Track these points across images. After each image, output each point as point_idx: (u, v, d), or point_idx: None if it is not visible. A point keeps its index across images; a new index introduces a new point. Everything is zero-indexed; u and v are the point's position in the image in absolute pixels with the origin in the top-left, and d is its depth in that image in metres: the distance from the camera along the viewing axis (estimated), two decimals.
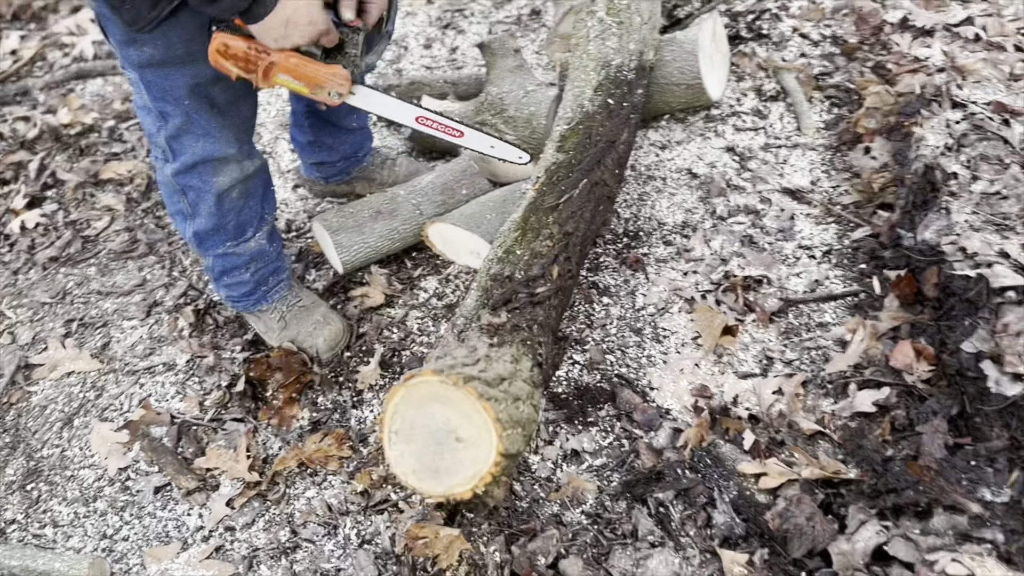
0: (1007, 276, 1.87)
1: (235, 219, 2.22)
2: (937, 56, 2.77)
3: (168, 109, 1.93)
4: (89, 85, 3.62)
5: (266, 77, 1.89)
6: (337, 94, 1.95)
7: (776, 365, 2.29)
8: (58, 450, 2.35)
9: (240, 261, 2.32)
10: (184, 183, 2.11)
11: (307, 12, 1.72)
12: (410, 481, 1.52)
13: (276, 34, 1.75)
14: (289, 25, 1.73)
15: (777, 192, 2.74)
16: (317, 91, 1.94)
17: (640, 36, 2.71)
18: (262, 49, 1.83)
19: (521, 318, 1.87)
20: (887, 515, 1.83)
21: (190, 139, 1.99)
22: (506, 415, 1.48)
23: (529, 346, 1.79)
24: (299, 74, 1.89)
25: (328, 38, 1.82)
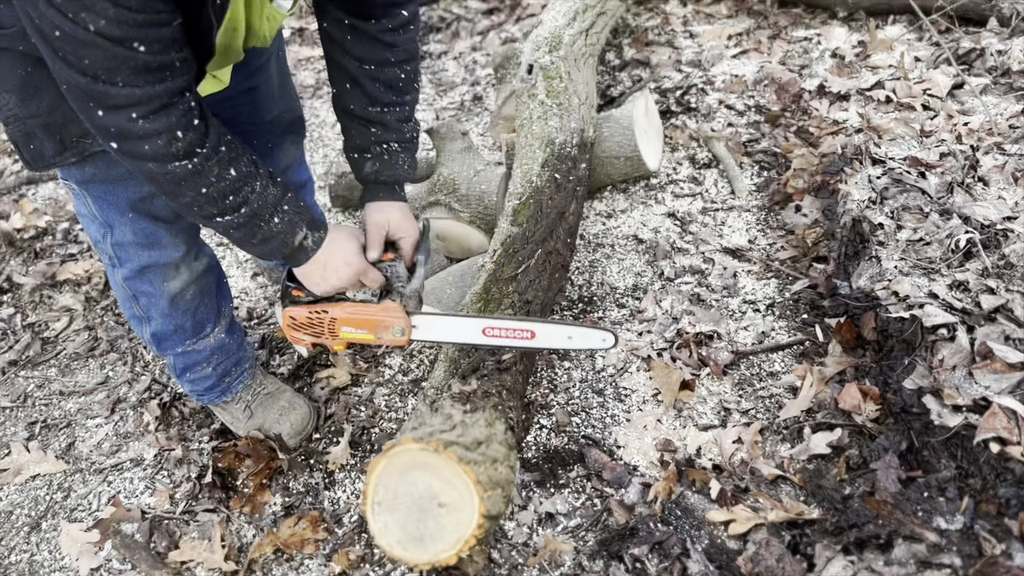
0: (937, 315, 2.02)
1: (191, 319, 2.24)
2: (854, 118, 3.00)
3: (113, 220, 1.95)
4: (41, 189, 3.65)
5: (334, 335, 1.97)
6: (400, 331, 1.96)
7: (734, 415, 2.39)
8: (27, 555, 2.30)
9: (201, 357, 2.34)
10: (135, 288, 2.12)
11: (343, 254, 1.81)
12: (395, 552, 1.56)
13: (316, 277, 1.84)
14: (327, 268, 1.82)
15: (718, 252, 2.89)
16: (382, 334, 1.97)
17: (580, 115, 2.89)
18: (321, 309, 1.92)
19: (490, 384, 1.95)
20: (851, 550, 1.91)
21: (135, 248, 2.01)
22: (486, 477, 1.54)
23: (501, 411, 1.86)
24: (358, 321, 1.95)
25: (368, 278, 1.89)
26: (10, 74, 1.68)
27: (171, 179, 1.52)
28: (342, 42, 1.84)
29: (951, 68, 3.16)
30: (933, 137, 2.75)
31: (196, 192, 1.56)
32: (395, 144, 1.95)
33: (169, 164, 1.49)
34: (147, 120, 1.44)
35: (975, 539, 1.88)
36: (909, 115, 2.95)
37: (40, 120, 1.73)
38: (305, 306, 1.93)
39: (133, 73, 1.38)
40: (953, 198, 2.35)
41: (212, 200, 1.58)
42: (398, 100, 1.91)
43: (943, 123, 2.86)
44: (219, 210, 1.61)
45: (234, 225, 1.65)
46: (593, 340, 2.06)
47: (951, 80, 3.08)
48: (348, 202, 3.31)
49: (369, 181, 1.99)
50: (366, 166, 1.96)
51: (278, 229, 1.70)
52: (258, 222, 1.66)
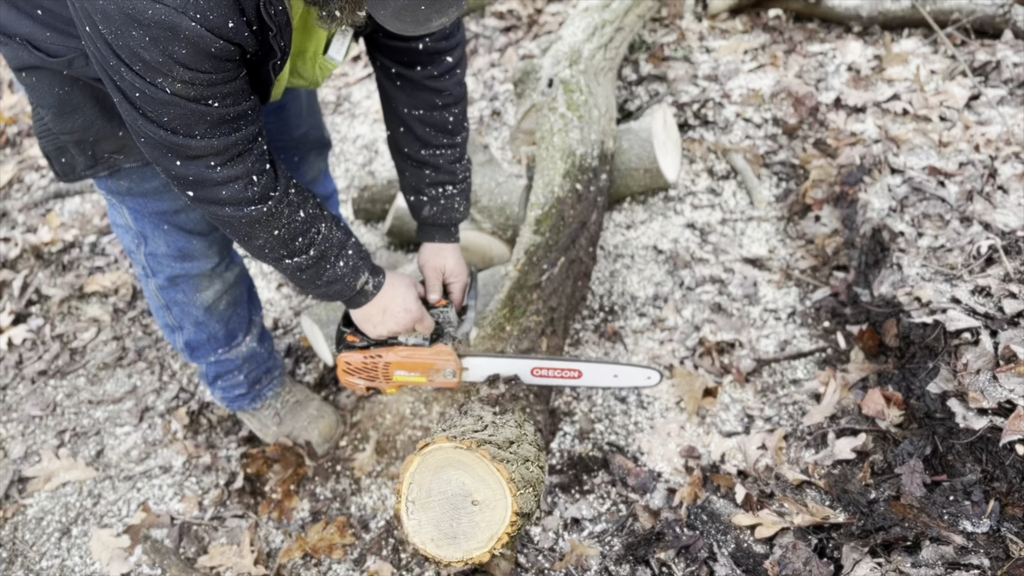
0: (961, 319, 2.04)
1: (224, 328, 2.28)
2: (872, 130, 3.03)
3: (147, 231, 2.01)
4: (68, 203, 3.71)
5: (387, 379, 2.04)
6: (451, 372, 2.04)
7: (757, 422, 2.41)
8: (58, 560, 2.33)
9: (233, 365, 2.38)
10: (169, 298, 2.17)
11: (403, 301, 1.90)
12: (429, 550, 1.58)
13: (375, 320, 1.91)
14: (387, 313, 1.90)
15: (738, 262, 2.92)
16: (434, 377, 2.05)
17: (600, 127, 2.93)
18: (375, 354, 2.00)
19: (517, 388, 1.97)
20: (879, 552, 1.92)
21: (168, 259, 2.06)
22: (518, 475, 1.56)
23: (529, 413, 1.88)
24: (412, 365, 2.02)
25: (423, 325, 1.97)
26: (48, 92, 1.73)
27: (247, 222, 1.58)
28: (391, 88, 1.91)
29: (967, 80, 3.19)
30: (951, 147, 2.78)
31: (268, 235, 1.62)
32: (450, 187, 2.03)
33: (245, 208, 1.56)
34: (224, 167, 1.51)
35: (1002, 541, 1.89)
36: (926, 126, 2.98)
37: (74, 136, 1.79)
38: (360, 351, 2.00)
39: (210, 126, 1.45)
40: (973, 206, 2.37)
41: (283, 242, 1.65)
42: (449, 142, 1.98)
43: (960, 134, 2.88)
44: (289, 251, 1.67)
45: (302, 267, 1.71)
46: (638, 378, 2.12)
47: (967, 92, 3.11)
48: (370, 214, 3.35)
49: (427, 224, 2.08)
50: (424, 209, 2.04)
51: (342, 272, 1.77)
52: (324, 264, 1.73)
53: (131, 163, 1.83)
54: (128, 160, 1.82)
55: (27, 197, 3.72)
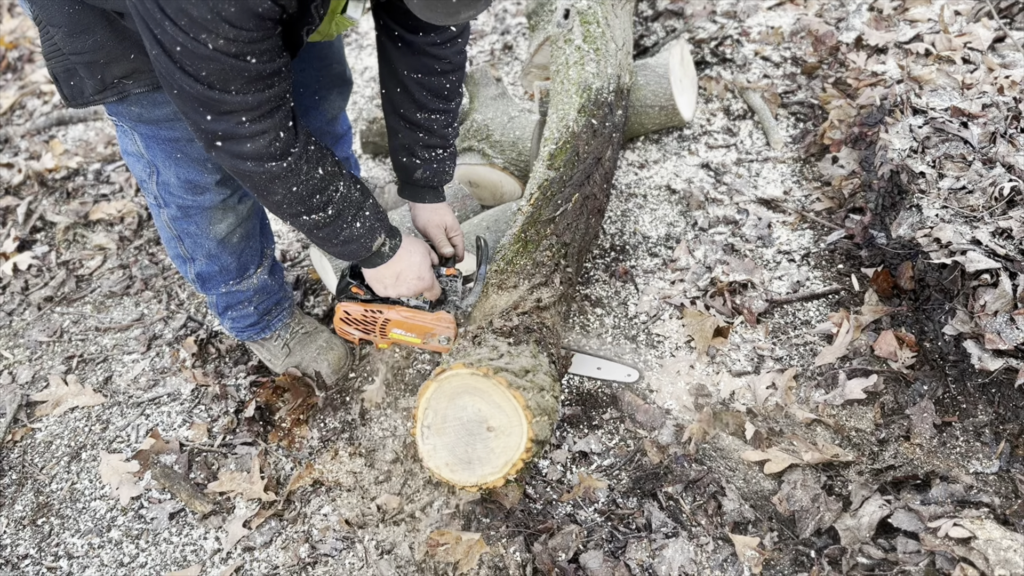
0: (980, 261, 2.01)
1: (236, 260, 2.26)
2: (893, 70, 2.96)
3: (159, 160, 1.98)
4: (71, 131, 3.65)
5: (383, 334, 2.09)
6: (445, 339, 2.09)
7: (767, 362, 2.40)
8: (67, 484, 2.35)
9: (244, 296, 2.37)
10: (181, 229, 2.14)
11: (417, 269, 1.94)
12: (443, 474, 1.59)
13: (387, 283, 1.96)
14: (400, 277, 1.94)
15: (753, 203, 2.88)
16: (428, 340, 2.10)
17: (616, 61, 2.86)
18: (376, 309, 2.04)
19: (531, 320, 1.96)
20: (888, 490, 1.93)
21: (181, 190, 2.03)
22: (534, 403, 1.56)
23: (543, 345, 1.87)
24: (411, 326, 2.08)
25: (431, 292, 2.02)
26: (58, 10, 1.69)
27: (267, 178, 1.60)
28: (391, 49, 1.91)
29: (992, 22, 3.11)
30: (974, 89, 2.72)
31: (287, 190, 1.64)
32: (441, 151, 2.09)
33: (267, 163, 1.58)
34: (254, 123, 1.52)
35: (1012, 482, 1.90)
36: (949, 68, 2.91)
37: (84, 58, 1.74)
38: (362, 304, 2.04)
39: (246, 82, 1.47)
40: (996, 147, 2.33)
41: (301, 199, 1.67)
42: (444, 108, 2.01)
43: (984, 76, 2.82)
44: (307, 208, 1.69)
45: (319, 224, 1.73)
46: (619, 374, 2.27)
47: (992, 34, 3.03)
48: (379, 148, 3.30)
49: (419, 185, 2.12)
50: (417, 172, 2.08)
51: (359, 232, 1.79)
52: (341, 223, 1.75)
53: (140, 88, 1.79)
54: (138, 85, 1.78)
55: (29, 123, 3.66)
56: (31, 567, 2.17)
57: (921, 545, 1.75)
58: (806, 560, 1.87)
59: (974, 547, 1.68)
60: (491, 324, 1.96)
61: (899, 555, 1.77)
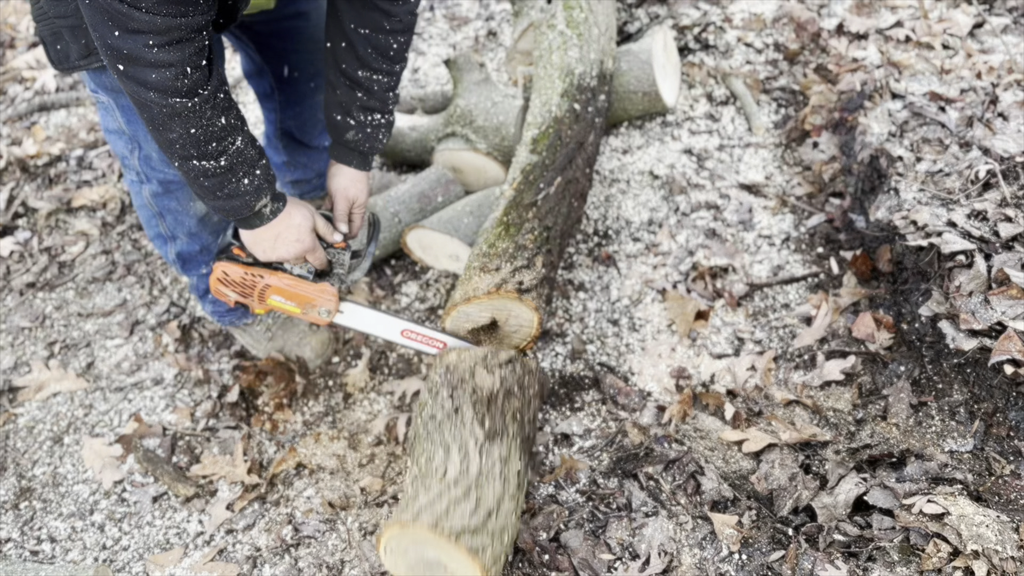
0: (956, 242, 2.04)
1: (216, 240, 2.25)
2: (873, 56, 2.99)
3: (141, 134, 1.97)
4: (53, 117, 3.63)
5: (262, 300, 2.01)
6: (326, 311, 2.03)
7: (747, 344, 2.42)
8: (50, 468, 2.35)
9: None
10: (162, 206, 2.13)
11: (296, 231, 1.86)
12: None
13: (265, 246, 1.88)
14: (279, 240, 1.86)
15: (734, 188, 2.90)
16: (308, 310, 2.03)
17: (599, 46, 2.87)
18: (258, 273, 1.96)
19: (513, 378, 1.94)
20: (864, 468, 1.96)
21: (164, 164, 2.02)
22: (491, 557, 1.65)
23: (521, 423, 1.88)
24: (291, 294, 2.00)
25: (314, 256, 1.94)
26: None
27: (167, 113, 1.54)
28: (342, 2, 1.85)
29: (971, 8, 3.13)
30: (953, 74, 2.75)
31: (184, 131, 1.58)
32: (379, 116, 2.00)
33: (170, 98, 1.52)
34: (161, 50, 1.46)
35: (985, 460, 1.93)
36: (929, 53, 2.94)
37: (68, 21, 1.74)
38: (242, 266, 1.97)
39: (158, 2, 1.40)
40: (973, 131, 2.35)
41: (196, 142, 1.61)
42: (388, 69, 1.94)
43: (963, 61, 2.85)
44: (199, 153, 1.63)
45: (208, 173, 1.67)
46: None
47: (971, 20, 3.06)
48: None
49: (348, 147, 2.03)
50: (349, 132, 2.00)
51: (245, 189, 1.73)
52: (231, 177, 1.69)
53: None
54: None
55: (11, 109, 3.64)
56: (14, 550, 2.17)
57: (896, 522, 1.78)
58: (783, 538, 1.90)
59: (947, 523, 1.71)
60: (473, 376, 1.89)
61: (874, 532, 1.80)
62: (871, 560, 1.76)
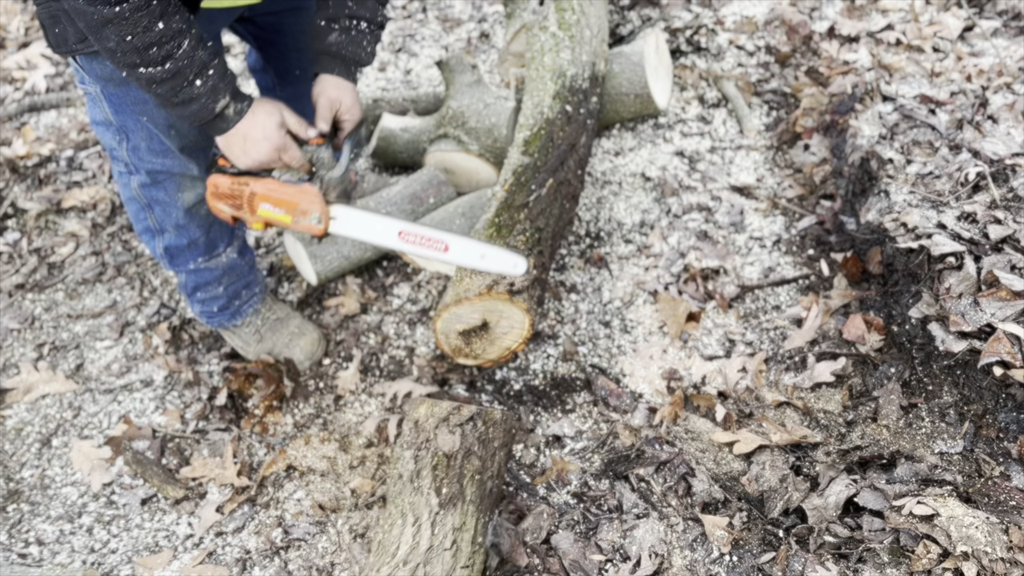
0: (946, 244, 2.05)
1: (205, 235, 2.25)
2: (864, 59, 3.00)
3: (129, 124, 1.97)
4: (43, 117, 3.61)
5: (252, 210, 1.97)
6: (316, 218, 1.96)
7: (739, 346, 2.43)
8: (38, 470, 2.33)
9: (212, 276, 2.36)
10: (150, 197, 2.13)
11: (262, 129, 1.82)
12: None
13: (237, 150, 1.85)
14: (248, 140, 1.83)
15: (726, 190, 2.91)
16: (299, 218, 1.96)
17: (591, 48, 2.87)
18: (243, 182, 1.93)
19: (473, 436, 1.94)
20: (854, 470, 1.96)
21: (151, 155, 2.02)
22: None
23: (479, 483, 1.89)
24: (277, 200, 1.95)
25: (288, 155, 1.88)
26: None
27: (97, 20, 1.54)
28: None
29: (962, 11, 3.15)
30: (943, 77, 2.76)
31: (120, 39, 1.58)
32: (364, 24, 1.96)
33: (97, 5, 1.51)
34: None
35: (975, 461, 1.93)
36: (919, 56, 2.95)
37: None
38: (229, 176, 1.94)
39: None
40: (963, 134, 2.36)
41: (135, 49, 1.60)
42: None
43: (953, 64, 2.86)
44: (141, 60, 1.62)
45: (156, 79, 1.65)
46: (504, 264, 2.00)
47: (962, 23, 3.08)
48: None
49: (329, 53, 1.97)
50: (331, 36, 1.95)
51: (199, 91, 1.70)
52: (181, 81, 1.67)
53: None
54: None
55: (1, 110, 3.62)
56: (1, 553, 2.15)
57: (886, 523, 1.78)
58: (774, 539, 1.90)
59: (937, 524, 1.71)
60: (435, 437, 1.91)
61: (865, 533, 1.80)
62: (861, 561, 1.76)
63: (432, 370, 2.46)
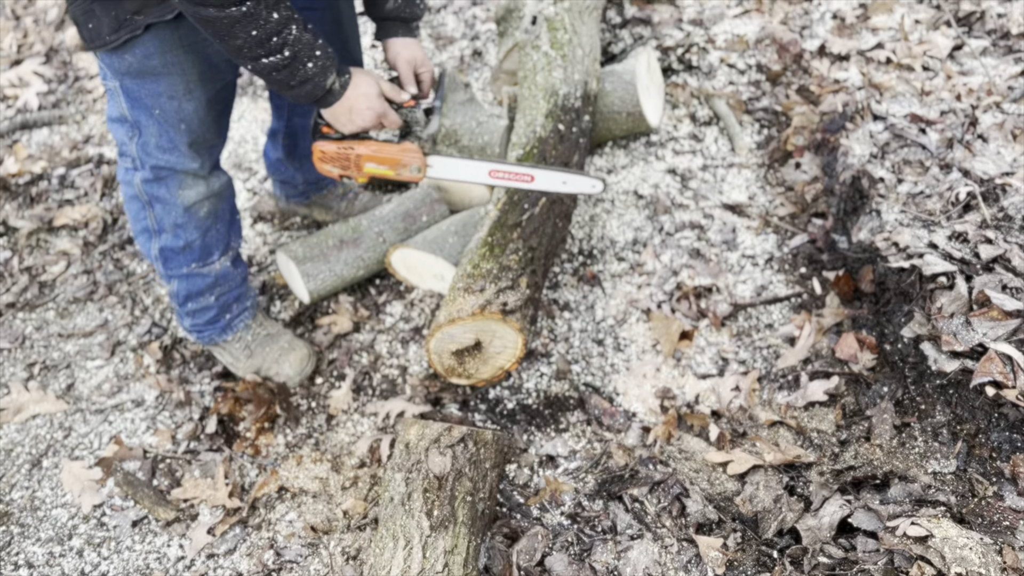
0: (937, 264, 2.06)
1: (201, 238, 2.29)
2: (855, 77, 3.01)
3: (141, 119, 2.07)
4: (35, 135, 3.60)
5: (359, 169, 2.18)
6: (416, 168, 2.18)
7: (732, 364, 2.43)
8: (28, 492, 2.31)
9: (204, 284, 2.37)
10: (152, 194, 2.20)
11: (366, 100, 2.01)
12: None
13: (344, 119, 2.04)
14: (353, 111, 2.02)
15: (718, 208, 2.91)
16: (401, 171, 2.19)
17: (583, 67, 2.88)
18: (347, 146, 2.14)
19: (464, 457, 1.95)
20: (848, 490, 1.96)
21: (158, 151, 2.12)
22: None
23: (471, 505, 1.89)
24: (381, 158, 2.16)
25: (388, 120, 2.07)
26: None
27: (228, 22, 1.70)
28: None
29: (951, 30, 3.17)
30: (933, 96, 2.77)
31: (247, 34, 1.73)
32: None
33: (226, 8, 1.67)
34: None
35: (968, 481, 1.94)
36: (909, 75, 2.97)
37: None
38: (334, 142, 2.14)
39: None
40: (953, 153, 2.37)
41: (260, 42, 1.75)
42: None
43: (943, 83, 2.88)
44: (266, 51, 1.78)
45: (278, 66, 1.82)
46: (584, 185, 2.28)
47: (951, 42, 3.10)
48: None
49: (390, 18, 2.18)
50: (388, 3, 2.15)
51: (313, 72, 1.87)
52: (297, 65, 1.84)
53: (152, 19, 1.87)
54: (148, 17, 1.87)
55: None
56: None
57: (880, 544, 1.78)
58: (768, 560, 1.89)
59: (931, 545, 1.71)
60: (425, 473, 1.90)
61: (859, 554, 1.80)
62: None
63: (425, 389, 2.45)
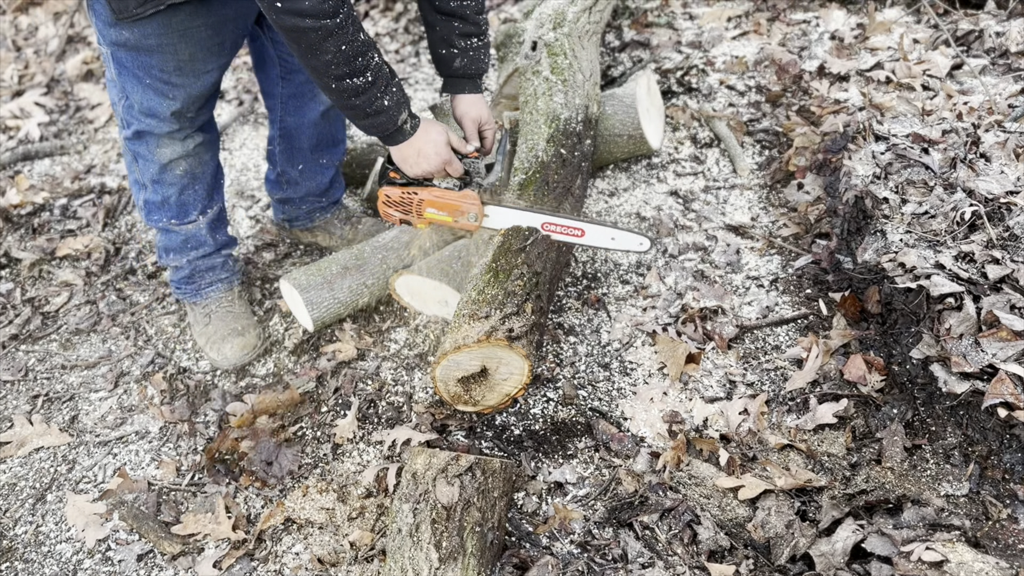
0: (945, 285, 2.05)
1: (177, 196, 2.46)
2: (855, 97, 3.02)
3: (128, 86, 2.23)
4: (37, 166, 3.61)
5: (419, 214, 2.30)
6: (473, 216, 2.32)
7: (739, 387, 2.41)
8: (32, 527, 2.29)
9: (178, 241, 2.55)
10: (135, 150, 2.40)
11: (435, 146, 2.12)
12: None
13: (411, 161, 2.13)
14: (420, 155, 2.11)
15: (721, 229, 2.91)
16: (459, 218, 2.30)
17: (584, 91, 2.89)
18: (412, 191, 2.24)
19: (472, 486, 1.95)
20: (861, 514, 1.94)
21: (139, 114, 2.29)
22: None
23: (480, 534, 1.90)
24: (442, 204, 2.29)
25: (452, 167, 2.17)
26: None
27: (321, 34, 1.76)
28: None
29: (950, 49, 3.19)
30: (934, 115, 2.78)
31: (337, 49, 1.79)
32: (476, 39, 2.24)
33: (322, 20, 1.74)
34: None
35: (981, 504, 1.92)
36: (909, 95, 2.98)
37: None
38: (399, 188, 2.24)
39: None
40: (956, 173, 2.37)
41: (348, 59, 1.82)
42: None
43: (943, 102, 2.89)
44: (351, 70, 1.84)
45: (358, 90, 1.88)
46: (632, 243, 2.42)
47: (950, 61, 3.11)
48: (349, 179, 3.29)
49: (457, 75, 2.27)
50: (455, 62, 2.24)
51: (389, 104, 1.95)
52: (376, 92, 1.90)
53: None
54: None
55: None
56: None
57: (895, 569, 1.76)
58: None
59: (947, 571, 1.69)
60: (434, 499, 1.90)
61: None
62: None
63: (431, 416, 2.43)
